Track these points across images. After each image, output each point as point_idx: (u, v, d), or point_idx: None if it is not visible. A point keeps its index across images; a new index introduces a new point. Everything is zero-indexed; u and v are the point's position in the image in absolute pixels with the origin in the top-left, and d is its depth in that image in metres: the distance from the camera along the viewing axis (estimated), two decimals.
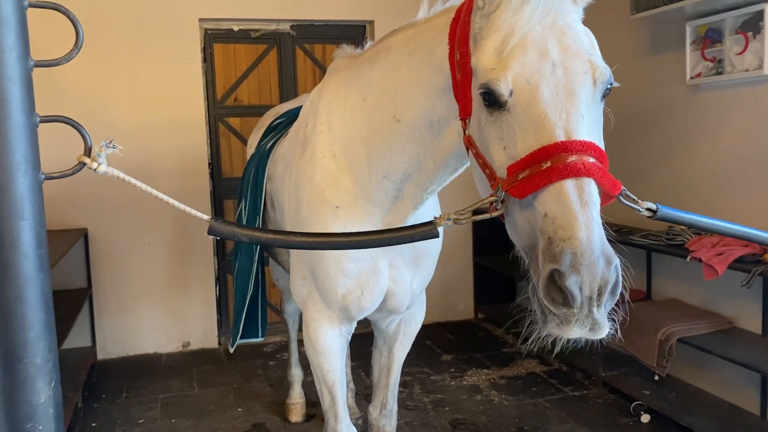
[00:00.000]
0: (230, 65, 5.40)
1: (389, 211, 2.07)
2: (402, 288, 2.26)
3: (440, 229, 1.47)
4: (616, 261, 1.23)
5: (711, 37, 3.79)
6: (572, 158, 1.24)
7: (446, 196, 2.37)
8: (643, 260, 4.46)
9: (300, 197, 2.23)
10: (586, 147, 1.26)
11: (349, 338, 2.40)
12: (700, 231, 3.88)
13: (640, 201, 1.40)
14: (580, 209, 1.22)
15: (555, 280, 1.21)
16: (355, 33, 5.58)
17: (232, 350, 3.05)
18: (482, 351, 5.08)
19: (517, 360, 4.85)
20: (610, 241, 1.28)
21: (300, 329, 4.20)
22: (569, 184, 1.23)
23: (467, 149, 1.55)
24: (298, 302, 2.42)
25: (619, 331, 1.31)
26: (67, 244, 4.20)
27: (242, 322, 2.92)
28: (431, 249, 2.30)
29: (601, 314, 1.22)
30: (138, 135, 4.96)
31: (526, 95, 1.32)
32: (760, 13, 3.45)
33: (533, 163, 1.27)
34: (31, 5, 1.18)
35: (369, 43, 2.19)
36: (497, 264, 5.54)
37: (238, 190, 5.23)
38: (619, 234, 4.26)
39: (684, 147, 4.18)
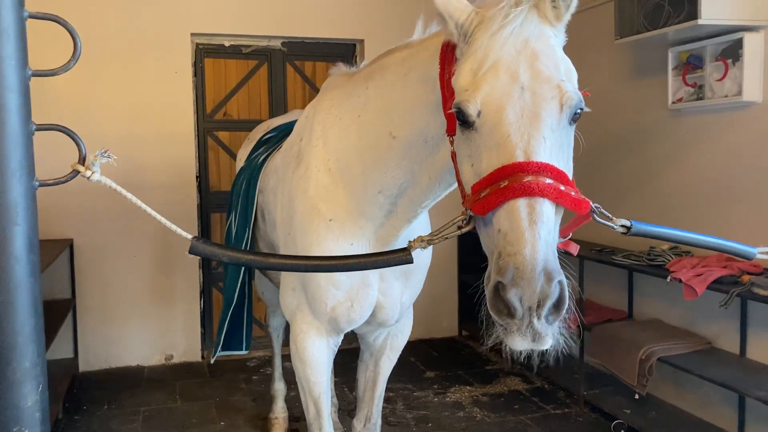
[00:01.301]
0: (221, 80, 5.44)
1: (382, 225, 2.11)
2: (392, 301, 2.29)
3: (414, 253, 1.53)
4: (559, 278, 1.27)
5: (692, 63, 3.89)
6: (528, 178, 1.30)
7: (435, 211, 2.40)
8: (624, 280, 4.52)
9: (293, 210, 2.26)
10: (543, 168, 1.32)
11: (336, 350, 2.42)
12: (678, 247, 3.95)
13: (614, 219, 1.46)
14: (527, 227, 1.28)
15: (499, 292, 1.28)
16: (345, 51, 5.65)
17: (212, 361, 3.06)
18: (465, 368, 5.10)
19: (500, 377, 4.87)
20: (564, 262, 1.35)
21: (284, 344, 4.22)
22: (521, 203, 1.30)
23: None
24: (286, 313, 2.44)
25: (567, 342, 1.36)
26: (52, 254, 4.19)
27: (223, 334, 2.93)
28: (421, 263, 2.34)
29: (543, 325, 1.27)
30: (127, 146, 4.98)
31: (493, 116, 1.38)
32: (739, 41, 3.55)
33: (493, 181, 1.34)
34: (31, 16, 1.22)
35: (364, 62, 2.23)
36: (482, 281, 5.56)
37: (225, 203, 5.27)
38: (602, 254, 4.32)
39: (665, 169, 4.26)
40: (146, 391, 4.70)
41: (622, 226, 1.48)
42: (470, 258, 5.79)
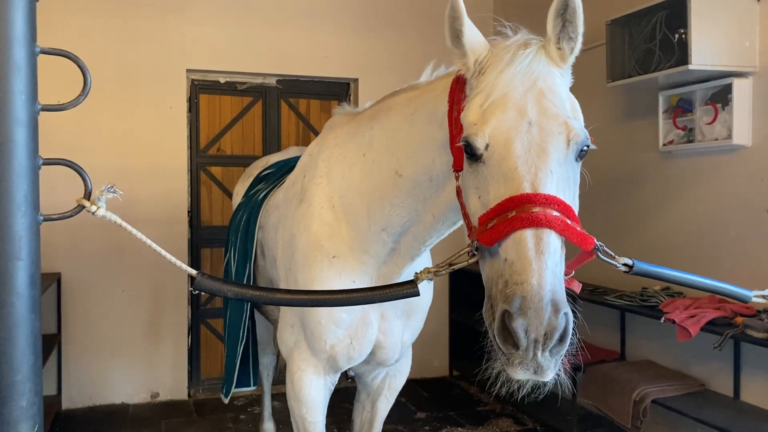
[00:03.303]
0: (215, 115, 5.47)
1: (385, 263, 2.11)
2: (392, 340, 2.27)
3: (420, 286, 1.53)
4: (566, 309, 1.28)
5: (682, 107, 3.95)
6: (535, 209, 1.32)
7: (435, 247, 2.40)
8: (617, 320, 4.51)
9: (295, 246, 2.25)
10: (550, 200, 1.34)
11: (333, 389, 2.39)
12: (670, 288, 3.96)
13: (617, 257, 1.47)
14: (535, 256, 1.29)
15: (505, 321, 1.27)
16: (339, 90, 5.70)
17: (226, 400, 2.99)
18: (457, 409, 5.04)
19: (492, 418, 4.81)
20: (568, 294, 1.35)
21: (274, 382, 4.16)
22: (528, 233, 1.31)
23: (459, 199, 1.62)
24: (283, 350, 2.40)
25: (565, 376, 1.36)
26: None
27: (236, 371, 2.88)
28: (422, 302, 2.33)
29: (546, 359, 1.27)
30: (119, 179, 4.91)
31: (501, 149, 1.41)
32: (729, 86, 3.62)
33: (501, 212, 1.36)
34: (43, 51, 1.22)
35: (369, 102, 2.26)
36: (473, 320, 5.55)
37: (216, 238, 5.24)
38: (594, 294, 4.32)
39: (656, 210, 4.30)
40: (130, 430, 4.59)
41: (624, 264, 1.50)
42: (461, 297, 5.78)
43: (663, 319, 3.60)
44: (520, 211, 1.32)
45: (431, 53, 2.15)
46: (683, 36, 3.56)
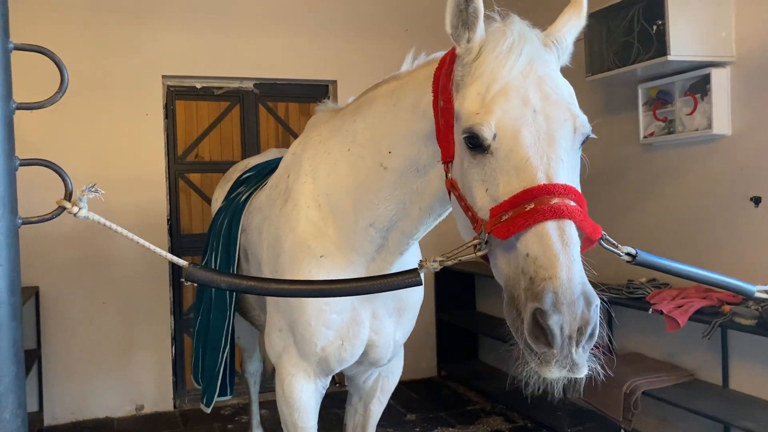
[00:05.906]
0: (192, 121, 5.39)
1: (373, 260, 2.07)
2: (385, 339, 2.23)
3: (407, 290, 1.48)
4: (597, 302, 1.25)
5: (662, 99, 3.98)
6: (555, 200, 1.29)
7: (429, 239, 2.36)
8: (604, 314, 4.50)
9: (280, 247, 2.20)
10: (568, 190, 1.32)
11: (324, 393, 2.34)
12: (656, 279, 3.96)
13: (620, 246, 1.44)
14: (561, 249, 1.25)
15: (538, 320, 1.23)
16: (318, 92, 5.66)
17: (208, 410, 2.90)
18: (446, 409, 5.01)
19: (482, 417, 4.79)
20: (592, 283, 1.31)
21: (261, 390, 4.09)
22: (551, 226, 1.27)
23: (449, 192, 1.58)
24: (271, 355, 2.34)
25: (600, 367, 1.32)
26: None
27: (219, 380, 2.80)
28: (413, 300, 2.29)
29: (580, 355, 1.24)
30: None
31: (509, 140, 1.37)
32: (707, 76, 3.65)
33: (516, 204, 1.31)
34: (17, 48, 1.17)
35: (351, 98, 2.22)
36: (460, 320, 5.53)
37: (197, 246, 5.16)
38: None
39: (639, 203, 4.32)
40: None
41: (627, 254, 1.48)
42: (447, 297, 5.76)
43: (651, 309, 3.60)
44: (538, 203, 1.28)
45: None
46: (661, 27, 3.58)
